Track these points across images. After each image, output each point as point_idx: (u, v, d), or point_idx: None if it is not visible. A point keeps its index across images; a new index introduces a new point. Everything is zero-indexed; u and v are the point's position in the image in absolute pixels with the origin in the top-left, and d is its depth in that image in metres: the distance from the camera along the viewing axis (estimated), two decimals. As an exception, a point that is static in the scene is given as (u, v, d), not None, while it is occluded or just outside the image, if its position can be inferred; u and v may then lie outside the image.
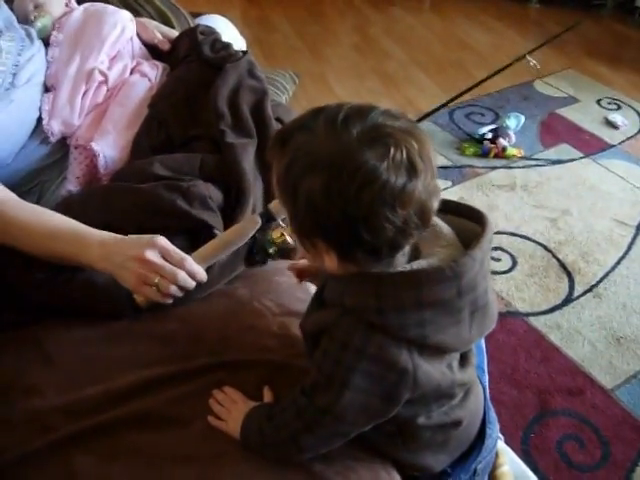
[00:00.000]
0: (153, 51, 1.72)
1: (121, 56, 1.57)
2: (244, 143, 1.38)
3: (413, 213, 0.75)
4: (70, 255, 1.15)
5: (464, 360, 0.95)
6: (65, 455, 1.01)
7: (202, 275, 1.14)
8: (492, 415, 1.12)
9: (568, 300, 2.05)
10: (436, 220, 0.88)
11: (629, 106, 3.01)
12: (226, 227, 1.29)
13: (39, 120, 1.45)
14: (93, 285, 1.18)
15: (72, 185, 1.46)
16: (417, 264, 0.81)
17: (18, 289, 1.22)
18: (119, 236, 1.15)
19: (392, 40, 3.73)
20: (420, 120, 2.01)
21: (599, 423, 1.67)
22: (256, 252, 1.27)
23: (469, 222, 0.89)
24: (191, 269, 1.12)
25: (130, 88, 1.54)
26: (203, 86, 1.50)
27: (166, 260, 1.10)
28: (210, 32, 1.62)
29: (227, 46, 1.58)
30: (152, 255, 1.09)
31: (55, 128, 1.45)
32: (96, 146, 1.45)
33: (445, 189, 2.49)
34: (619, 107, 3.01)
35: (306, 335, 0.99)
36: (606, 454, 1.60)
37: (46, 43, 1.52)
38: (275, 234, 1.21)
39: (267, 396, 1.08)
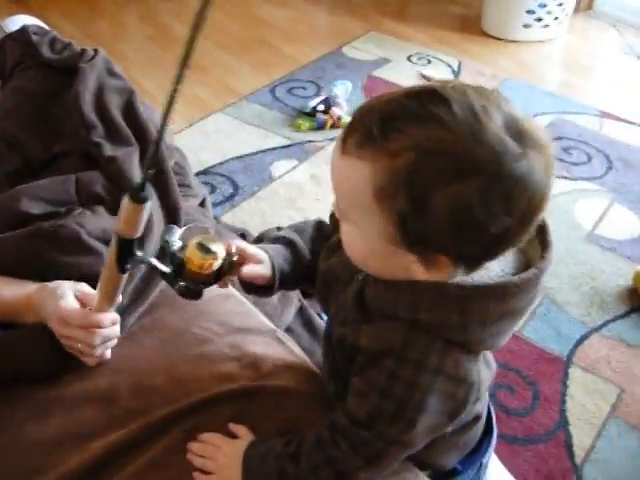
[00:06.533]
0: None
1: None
2: (127, 153, 1.18)
3: None
4: (11, 321, 1.04)
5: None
6: None
7: (110, 319, 0.96)
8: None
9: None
10: None
11: (437, 58, 3.11)
12: None
13: None
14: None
15: None
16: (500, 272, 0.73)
17: None
18: (36, 294, 1.01)
19: (186, 26, 3.52)
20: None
21: (519, 365, 1.69)
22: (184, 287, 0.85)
23: None
24: (96, 321, 0.94)
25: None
26: (53, 94, 1.26)
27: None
28: (43, 32, 1.36)
29: (69, 45, 1.33)
30: (61, 326, 0.95)
31: None
32: None
33: (294, 168, 2.40)
34: (429, 61, 3.09)
35: (344, 347, 0.81)
36: (536, 393, 1.62)
37: None
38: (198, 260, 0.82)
39: (241, 433, 0.92)
